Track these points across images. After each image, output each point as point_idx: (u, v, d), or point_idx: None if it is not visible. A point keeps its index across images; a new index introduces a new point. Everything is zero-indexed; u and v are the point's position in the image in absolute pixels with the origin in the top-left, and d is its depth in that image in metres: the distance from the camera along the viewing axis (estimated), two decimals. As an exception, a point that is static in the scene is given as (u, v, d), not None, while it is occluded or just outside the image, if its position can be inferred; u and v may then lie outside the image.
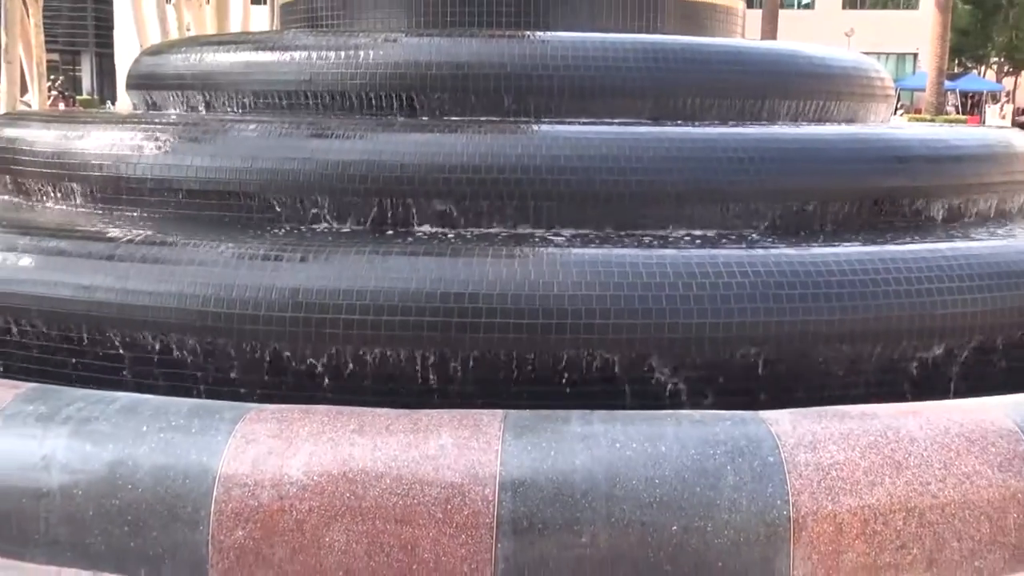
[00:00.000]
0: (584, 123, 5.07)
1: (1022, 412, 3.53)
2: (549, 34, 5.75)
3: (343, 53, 5.44)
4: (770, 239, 4.58)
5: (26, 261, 4.30)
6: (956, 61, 52.34)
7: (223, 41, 6.80)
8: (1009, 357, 4.36)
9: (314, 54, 5.52)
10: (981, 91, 54.01)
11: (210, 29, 21.75)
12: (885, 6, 54.65)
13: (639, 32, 6.21)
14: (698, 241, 4.51)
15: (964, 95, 53.48)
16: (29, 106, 19.92)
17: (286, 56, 5.65)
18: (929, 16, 47.29)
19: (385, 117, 5.28)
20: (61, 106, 37.90)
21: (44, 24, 22.77)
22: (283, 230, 4.59)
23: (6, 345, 4.38)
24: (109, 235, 4.37)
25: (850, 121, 6.07)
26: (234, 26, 23.32)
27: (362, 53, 5.41)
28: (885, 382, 4.15)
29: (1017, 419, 3.47)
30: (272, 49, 5.82)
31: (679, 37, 6.14)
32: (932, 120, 41.03)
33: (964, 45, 52.22)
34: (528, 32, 5.89)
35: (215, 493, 3.16)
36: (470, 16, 6.15)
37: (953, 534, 3.24)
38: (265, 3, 29.38)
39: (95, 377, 4.13)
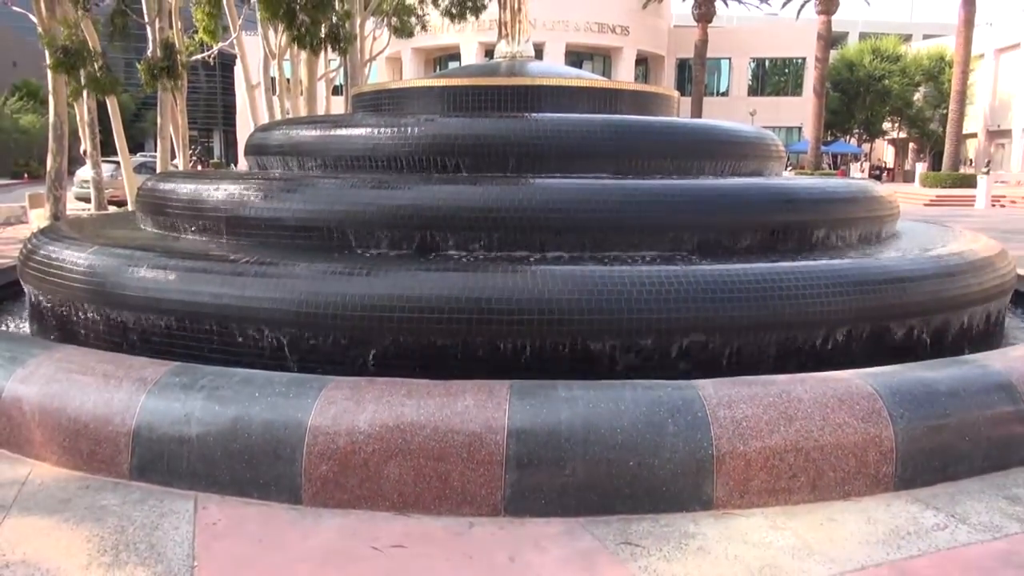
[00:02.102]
0: (565, 177, 5.05)
1: (878, 379, 3.51)
2: (540, 115, 5.74)
3: (396, 129, 5.43)
4: (697, 259, 4.55)
5: (174, 276, 4.30)
6: (829, 132, 52.16)
7: (311, 121, 6.79)
8: (867, 341, 4.33)
9: (375, 130, 5.51)
10: (847, 152, 53.87)
11: (303, 112, 21.74)
12: (778, 94, 54.51)
13: (604, 113, 6.17)
14: (647, 260, 4.48)
15: (835, 156, 53.32)
16: (176, 168, 19.97)
17: (356, 132, 5.64)
18: (809, 101, 47.26)
19: (425, 174, 5.25)
20: (199, 168, 37.95)
21: (187, 109, 22.79)
22: (354, 254, 4.57)
23: (161, 335, 4.37)
24: (231, 258, 4.36)
25: (755, 174, 6.04)
26: (320, 110, 23.33)
27: (409, 129, 5.40)
28: (781, 358, 4.13)
29: (873, 384, 3.45)
30: (346, 127, 5.81)
31: (632, 117, 6.12)
32: (812, 173, 40.94)
33: (834, 121, 52.07)
34: (525, 114, 5.88)
35: (306, 439, 3.16)
36: (484, 104, 6.14)
37: (829, 467, 3.22)
38: (342, 94, 29.41)
39: (222, 358, 4.12)
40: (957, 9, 38.66)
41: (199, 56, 24.93)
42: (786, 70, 55.04)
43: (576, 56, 47.77)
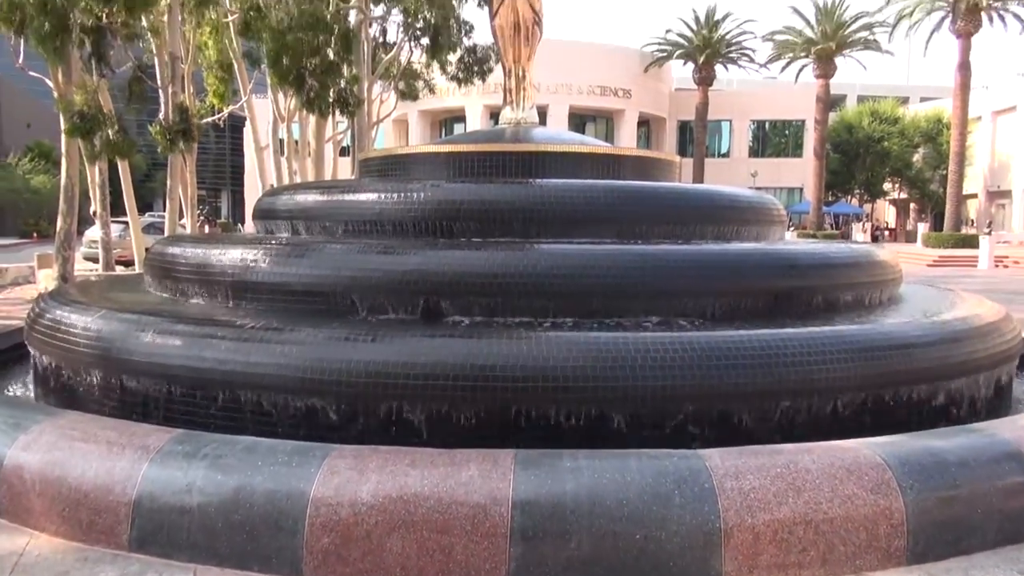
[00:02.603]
0: (569, 242, 5.09)
1: (886, 449, 3.47)
2: (544, 181, 5.81)
3: (402, 195, 5.50)
4: (701, 324, 4.56)
5: (179, 341, 4.32)
6: (830, 192, 52.70)
7: (319, 187, 6.90)
8: (873, 408, 4.30)
9: (382, 196, 5.58)
10: (849, 213, 54.30)
11: (310, 174, 22.09)
12: (779, 155, 55.26)
13: (607, 179, 6.26)
14: (649, 326, 4.49)
15: (837, 216, 53.74)
16: (184, 228, 20.18)
17: (362, 197, 5.72)
18: (810, 162, 47.91)
19: (431, 239, 5.30)
20: (207, 228, 38.37)
21: (196, 170, 23.15)
22: (359, 319, 4.58)
23: (167, 400, 4.36)
24: (237, 323, 4.38)
25: (757, 239, 6.08)
26: (327, 171, 23.68)
27: (415, 195, 5.47)
28: (787, 426, 4.09)
29: (882, 454, 3.41)
30: (353, 192, 5.90)
31: (635, 182, 6.20)
32: (814, 235, 41.21)
33: (835, 181, 52.67)
34: (530, 180, 5.95)
35: (308, 511, 3.12)
36: (490, 170, 6.23)
37: (840, 540, 3.16)
38: (349, 155, 29.93)
39: (227, 424, 4.10)
40: (953, 73, 39.46)
41: (209, 119, 25.49)
42: (786, 132, 55.90)
43: (579, 118, 48.67)
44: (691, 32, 50.74)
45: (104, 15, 12.90)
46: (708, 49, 49.69)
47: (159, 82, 16.81)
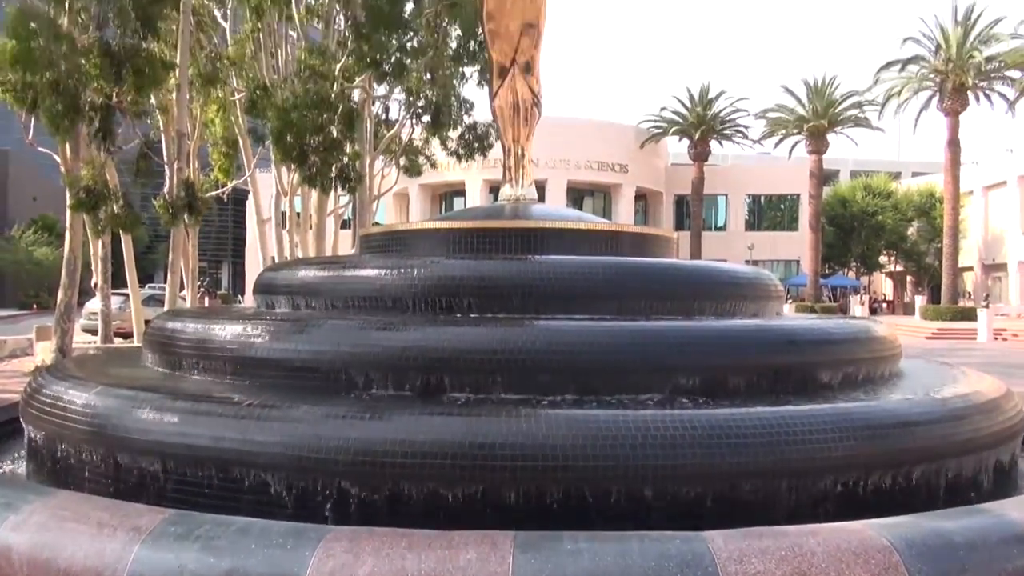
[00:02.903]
0: (569, 318, 5.11)
1: (892, 531, 3.40)
2: (543, 257, 5.87)
3: (402, 270, 5.55)
4: (702, 402, 4.54)
5: (174, 418, 4.29)
6: (827, 265, 53.12)
7: (319, 262, 6.96)
8: (876, 487, 4.24)
9: (382, 271, 5.63)
10: (846, 286, 54.60)
11: (311, 247, 22.29)
12: (775, 228, 55.93)
13: (605, 255, 6.32)
14: (650, 403, 4.46)
15: (834, 288, 54.03)
16: (184, 300, 20.26)
17: (362, 273, 5.77)
18: (806, 235, 48.44)
19: (431, 315, 5.32)
20: (207, 300, 38.50)
21: (198, 242, 23.39)
22: (358, 396, 4.56)
23: (159, 479, 4.30)
24: (234, 400, 4.35)
25: (755, 315, 6.10)
26: (328, 245, 23.90)
27: (415, 271, 5.52)
28: (789, 506, 4.03)
29: (889, 537, 3.34)
30: (353, 268, 5.95)
31: (632, 259, 6.26)
32: (813, 307, 41.35)
33: (831, 254, 53.15)
34: (529, 256, 6.02)
35: (302, 596, 3.04)
36: (489, 246, 6.30)
37: (847, 628, 3.07)
38: (350, 228, 30.33)
39: (222, 504, 4.03)
40: (943, 149, 40.32)
41: (213, 193, 25.88)
42: (782, 206, 56.72)
43: (577, 192, 49.46)
44: (685, 110, 52.05)
45: (114, 94, 13.26)
46: (703, 126, 50.87)
47: (165, 158, 17.16)
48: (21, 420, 5.45)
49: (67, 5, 12.24)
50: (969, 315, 34.15)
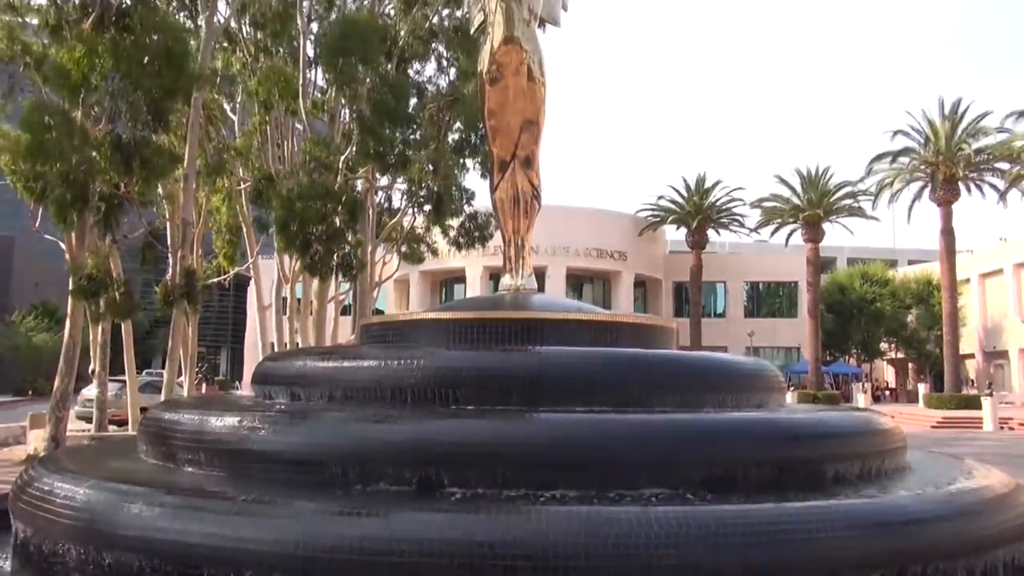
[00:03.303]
0: (570, 411, 5.06)
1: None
2: (543, 349, 5.86)
3: (402, 361, 5.53)
4: (703, 497, 4.45)
5: (166, 514, 4.19)
6: (827, 352, 52.96)
7: (318, 352, 6.95)
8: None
9: (382, 362, 5.61)
10: (848, 373, 54.28)
11: (311, 333, 22.27)
12: (774, 315, 56.08)
13: (605, 347, 6.31)
14: (652, 499, 4.37)
15: (835, 376, 53.70)
16: (182, 386, 20.11)
17: (362, 363, 5.75)
18: (805, 322, 48.50)
19: (430, 407, 5.27)
20: (204, 387, 38.23)
21: (198, 328, 23.38)
22: (354, 491, 4.47)
23: (147, 578, 4.17)
24: (227, 495, 4.27)
25: (758, 407, 6.05)
26: (328, 331, 23.89)
27: (414, 362, 5.50)
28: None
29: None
30: (352, 359, 5.94)
31: (632, 350, 6.25)
32: (815, 395, 40.99)
33: (832, 341, 53.06)
34: (529, 347, 6.01)
35: None
36: (489, 337, 6.30)
37: None
38: (350, 314, 30.40)
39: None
40: (938, 237, 40.83)
41: (216, 279, 26.07)
42: (780, 293, 57.04)
43: (577, 279, 49.82)
44: (682, 199, 53.00)
45: (122, 184, 13.54)
46: (699, 215, 51.69)
47: (169, 246, 17.36)
48: (10, 514, 5.32)
49: (81, 100, 12.64)
50: (973, 403, 33.82)
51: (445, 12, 22.18)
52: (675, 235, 56.51)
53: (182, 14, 19.97)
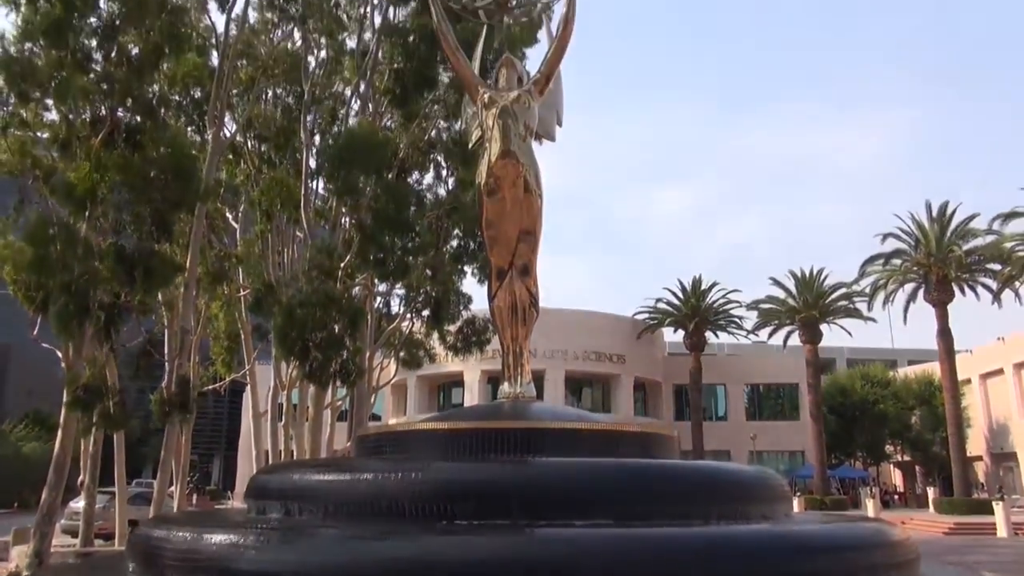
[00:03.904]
0: (569, 526, 4.95)
1: None
2: (542, 460, 5.80)
3: (398, 475, 5.45)
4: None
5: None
6: (832, 455, 51.97)
7: (315, 465, 6.84)
8: None
9: (378, 475, 5.53)
10: (854, 477, 53.10)
11: (307, 440, 21.90)
12: (776, 418, 55.37)
13: (606, 456, 6.23)
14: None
15: (842, 480, 52.50)
16: (172, 496, 19.60)
17: (358, 477, 5.66)
18: (808, 424, 47.86)
19: (428, 522, 5.15)
20: (195, 497, 37.28)
21: (191, 435, 23.02)
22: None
23: None
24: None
25: (764, 518, 5.91)
26: (324, 438, 23.49)
27: (412, 475, 5.42)
28: None
29: None
30: (349, 471, 5.85)
31: (634, 461, 6.17)
32: (823, 500, 39.94)
33: (836, 444, 52.17)
34: (528, 457, 5.94)
35: None
36: (488, 447, 6.23)
37: None
38: (346, 419, 30.01)
39: None
40: (935, 338, 40.86)
41: (212, 386, 25.85)
42: (781, 395, 56.55)
43: (576, 383, 49.48)
44: (679, 301, 53.31)
45: (123, 294, 13.65)
46: (697, 317, 51.87)
47: (166, 353, 17.31)
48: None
49: (87, 213, 12.93)
50: (985, 508, 32.96)
51: (444, 124, 23.00)
52: (673, 337, 56.56)
53: (190, 128, 20.72)
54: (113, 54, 14.27)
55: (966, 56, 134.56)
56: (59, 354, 15.28)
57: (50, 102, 15.31)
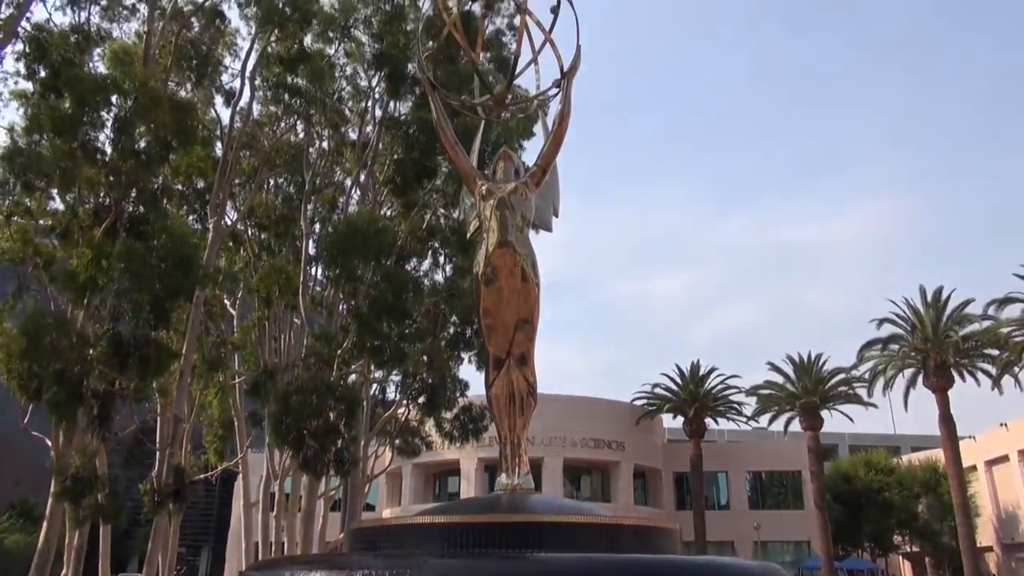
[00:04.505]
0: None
1: None
2: (541, 556, 5.67)
3: (395, 572, 5.31)
4: None
5: None
6: (839, 546, 50.60)
7: (307, 561, 6.66)
8: None
9: (374, 573, 5.38)
10: (863, 569, 51.56)
11: (299, 531, 21.37)
12: (780, 507, 54.17)
13: (606, 551, 6.10)
14: None
15: (850, 572, 50.95)
16: (157, 592, 18.93)
17: (352, 574, 5.50)
18: (813, 513, 46.81)
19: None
20: (180, 591, 36.01)
21: (179, 526, 22.46)
22: None
23: None
24: None
25: (769, 617, 5.74)
26: (316, 528, 22.91)
27: (408, 572, 5.29)
28: None
29: None
30: (341, 568, 5.69)
31: (635, 556, 6.03)
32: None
33: (842, 533, 50.85)
34: (527, 553, 5.80)
35: None
36: (486, 541, 6.10)
37: None
38: (340, 509, 29.36)
39: None
40: (937, 423, 40.45)
41: (203, 475, 25.37)
42: (784, 483, 55.51)
43: (574, 471, 48.62)
44: (677, 387, 52.94)
45: (117, 381, 13.58)
46: (696, 403, 51.43)
47: (158, 441, 17.09)
48: None
49: (86, 300, 13.01)
50: (999, 602, 31.95)
51: (442, 212, 23.42)
52: (672, 423, 55.91)
53: (191, 217, 21.07)
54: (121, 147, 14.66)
55: (953, 146, 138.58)
56: (49, 443, 15.07)
57: (54, 191, 15.64)
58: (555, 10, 9.87)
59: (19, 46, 15.09)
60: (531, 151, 21.20)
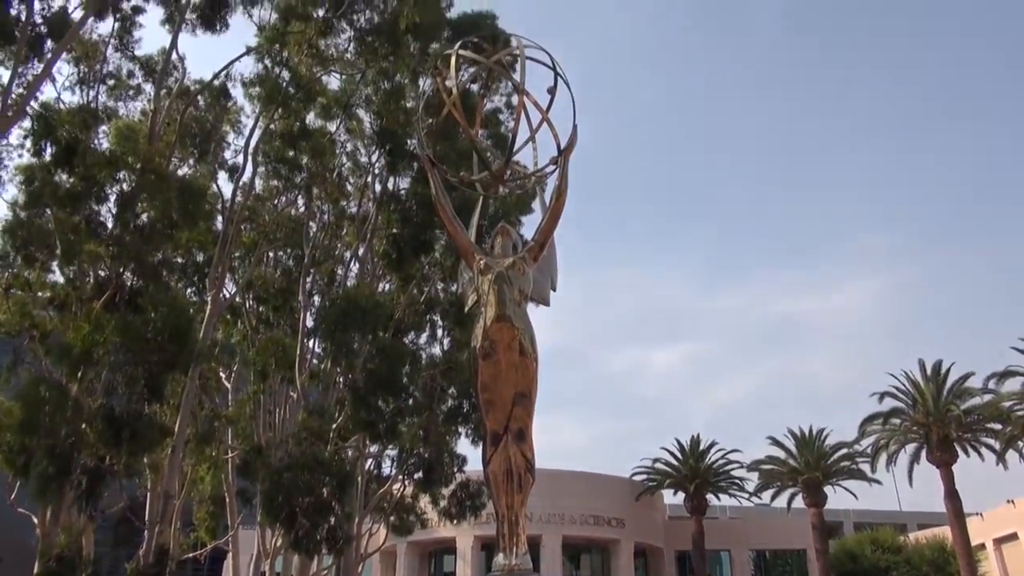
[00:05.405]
0: None
1: None
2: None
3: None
4: None
5: None
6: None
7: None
8: None
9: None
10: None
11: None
12: (785, 587, 52.73)
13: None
14: None
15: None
16: None
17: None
18: (819, 594, 45.44)
19: None
20: None
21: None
22: None
23: None
24: None
25: None
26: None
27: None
28: None
29: None
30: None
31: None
32: None
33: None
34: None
35: None
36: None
37: None
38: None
39: None
40: (943, 500, 39.74)
41: (192, 553, 24.71)
42: (789, 561, 54.08)
43: (574, 549, 47.42)
44: (677, 462, 52.16)
45: (108, 456, 13.37)
46: (697, 478, 50.58)
47: (147, 518, 16.70)
48: None
49: (80, 374, 12.92)
50: None
51: (440, 286, 23.54)
52: (672, 499, 54.84)
53: (189, 290, 21.14)
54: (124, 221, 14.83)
55: (948, 218, 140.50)
56: (35, 520, 14.72)
57: (54, 263, 15.73)
58: (551, 91, 10.16)
59: (27, 123, 15.42)
60: (529, 226, 21.46)
